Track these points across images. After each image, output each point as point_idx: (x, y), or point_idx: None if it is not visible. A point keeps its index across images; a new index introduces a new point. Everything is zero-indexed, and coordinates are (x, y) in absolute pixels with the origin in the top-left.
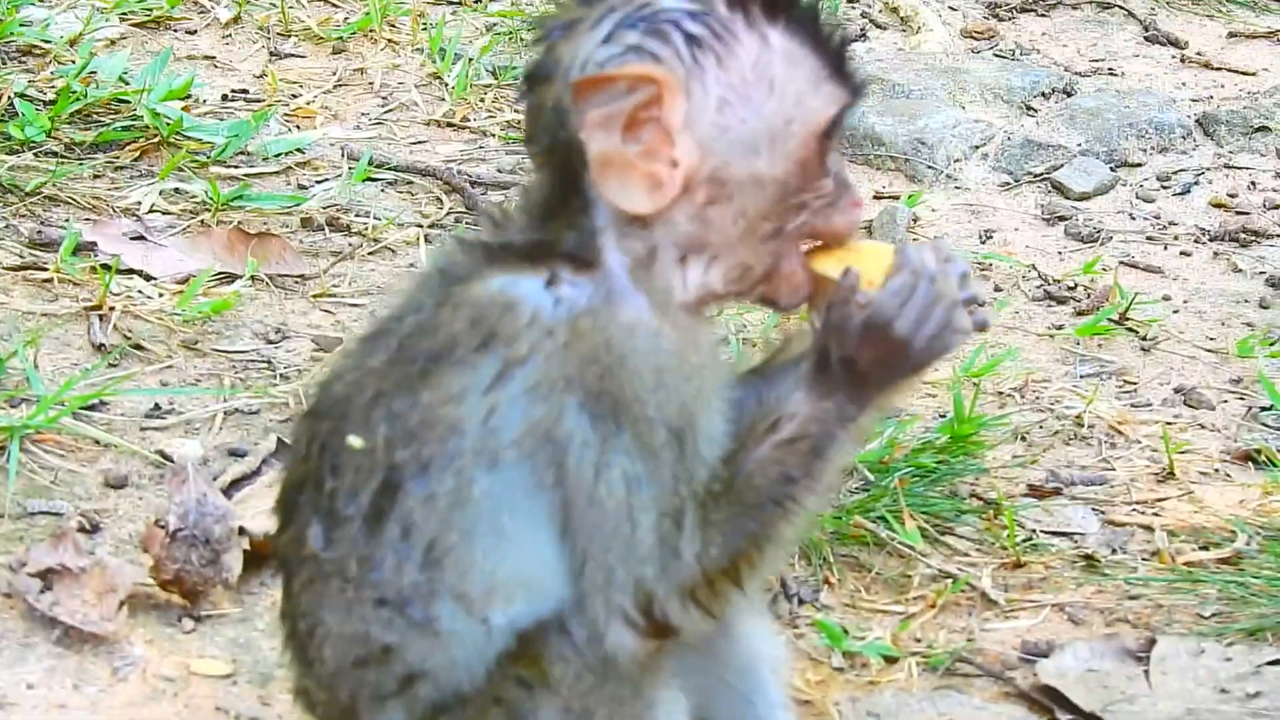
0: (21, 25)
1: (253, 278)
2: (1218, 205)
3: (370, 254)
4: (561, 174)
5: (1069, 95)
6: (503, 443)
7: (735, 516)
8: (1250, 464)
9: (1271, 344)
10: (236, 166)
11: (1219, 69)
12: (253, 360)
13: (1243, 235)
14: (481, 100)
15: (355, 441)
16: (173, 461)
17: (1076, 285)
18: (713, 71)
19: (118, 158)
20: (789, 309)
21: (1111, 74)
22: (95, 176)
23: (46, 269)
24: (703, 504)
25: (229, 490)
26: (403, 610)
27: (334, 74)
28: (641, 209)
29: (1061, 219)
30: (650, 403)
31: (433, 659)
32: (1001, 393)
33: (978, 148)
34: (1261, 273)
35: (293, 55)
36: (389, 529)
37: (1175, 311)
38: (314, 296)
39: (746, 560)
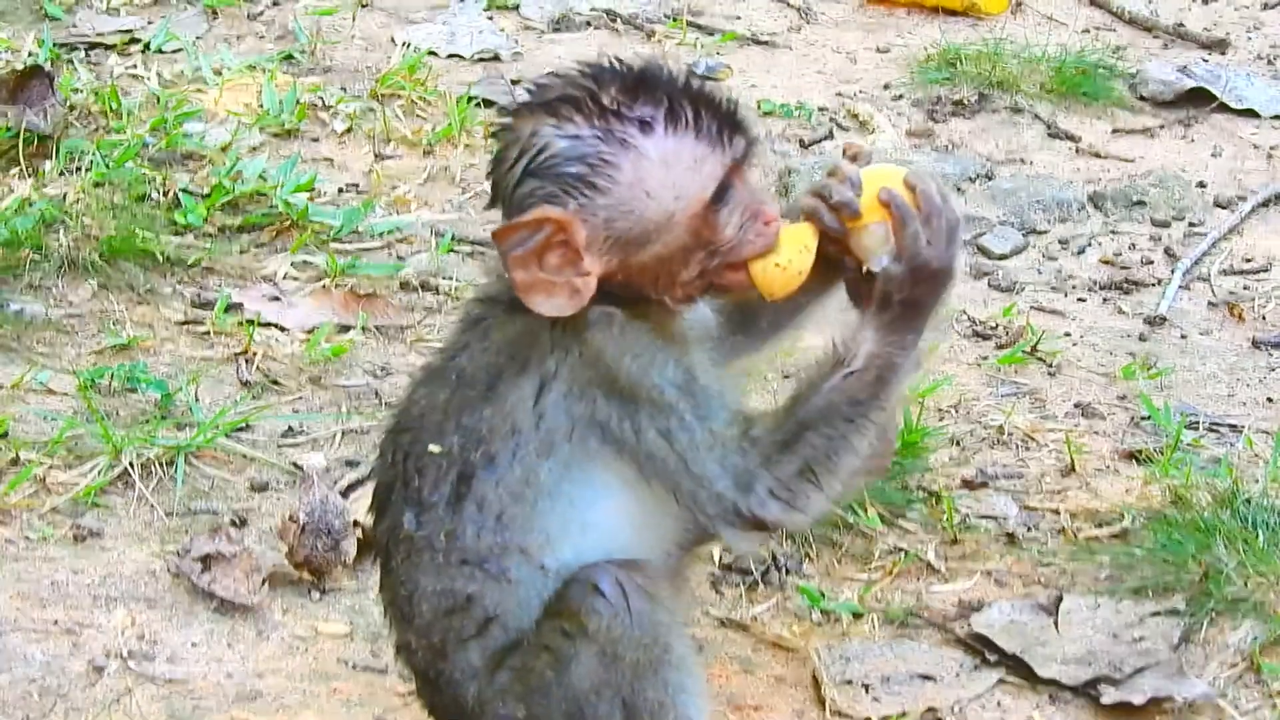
0: (185, 136)
1: (363, 328)
2: (1106, 262)
3: (454, 309)
4: None
5: (990, 179)
6: (556, 436)
7: (800, 432)
8: (1134, 461)
9: (1148, 369)
10: (350, 243)
11: (1106, 157)
12: (364, 392)
13: (1125, 285)
14: None
15: (435, 448)
16: (303, 470)
17: (997, 325)
18: (597, 199)
19: (259, 237)
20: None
21: (1022, 162)
22: (241, 252)
23: (205, 324)
24: (747, 429)
25: (346, 492)
26: (481, 565)
27: (424, 171)
28: (566, 312)
29: (985, 274)
30: (650, 374)
31: (503, 604)
32: (941, 409)
33: None
34: (1140, 314)
35: (392, 157)
36: (467, 507)
37: (1074, 345)
38: (411, 342)
39: (823, 467)
